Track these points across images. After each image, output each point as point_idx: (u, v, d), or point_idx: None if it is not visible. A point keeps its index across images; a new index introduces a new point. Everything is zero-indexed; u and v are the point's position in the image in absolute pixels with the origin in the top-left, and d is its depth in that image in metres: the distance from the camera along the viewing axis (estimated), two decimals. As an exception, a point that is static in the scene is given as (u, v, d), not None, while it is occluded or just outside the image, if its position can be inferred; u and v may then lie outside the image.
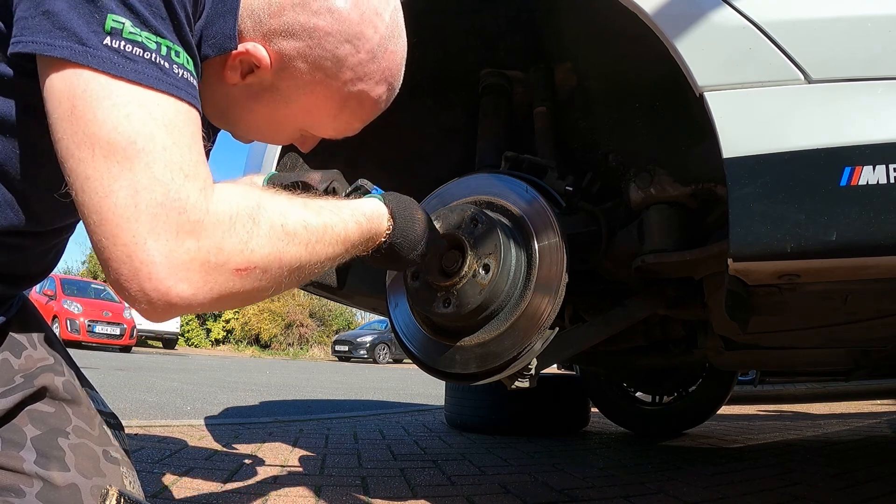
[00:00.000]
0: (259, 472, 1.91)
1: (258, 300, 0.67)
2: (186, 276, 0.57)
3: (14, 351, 0.77)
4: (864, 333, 1.46)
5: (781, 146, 0.87)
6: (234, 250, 0.59)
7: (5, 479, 0.70)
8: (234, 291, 0.61)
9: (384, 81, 0.78)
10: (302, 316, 24.48)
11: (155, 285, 0.56)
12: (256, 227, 0.62)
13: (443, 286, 1.11)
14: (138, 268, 0.55)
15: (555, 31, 1.43)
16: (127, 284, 0.56)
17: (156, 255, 0.55)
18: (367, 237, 0.80)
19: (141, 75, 0.56)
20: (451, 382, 2.46)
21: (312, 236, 0.68)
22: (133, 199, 0.55)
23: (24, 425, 0.73)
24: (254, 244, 0.61)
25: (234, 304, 0.65)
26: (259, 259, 0.61)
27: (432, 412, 4.03)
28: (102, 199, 0.55)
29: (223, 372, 8.87)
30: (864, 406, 4.61)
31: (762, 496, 1.72)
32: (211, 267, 0.58)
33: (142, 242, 0.55)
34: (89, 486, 0.73)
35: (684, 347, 2.08)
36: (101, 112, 0.55)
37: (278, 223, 0.64)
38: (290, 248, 0.65)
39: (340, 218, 0.74)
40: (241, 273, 0.60)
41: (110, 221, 0.55)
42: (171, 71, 0.59)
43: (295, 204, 0.69)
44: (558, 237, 1.13)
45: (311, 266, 0.69)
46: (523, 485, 1.85)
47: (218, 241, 0.58)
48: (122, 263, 0.55)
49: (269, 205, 0.65)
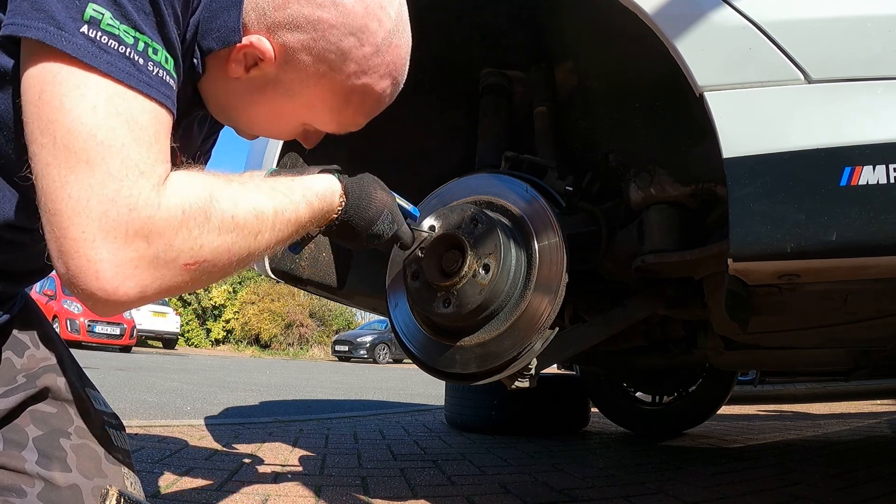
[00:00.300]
0: (259, 471, 1.91)
1: (201, 286, 0.68)
2: (134, 275, 0.56)
3: (16, 350, 0.77)
4: (864, 333, 1.46)
5: (781, 146, 0.87)
6: (183, 247, 0.59)
7: (7, 478, 0.70)
8: (180, 284, 0.61)
9: (388, 76, 0.78)
10: (302, 316, 24.48)
11: (101, 284, 0.55)
12: (207, 222, 0.61)
13: (443, 286, 1.11)
14: (85, 265, 0.55)
15: (555, 31, 1.43)
16: (74, 280, 0.55)
17: (104, 254, 0.55)
18: (317, 216, 0.80)
19: (113, 68, 0.56)
20: (451, 382, 2.46)
21: (263, 224, 0.68)
22: (86, 192, 0.54)
23: (27, 425, 0.73)
24: (204, 239, 0.61)
25: (179, 293, 0.65)
26: (208, 253, 0.61)
27: (432, 412, 4.03)
28: (58, 188, 0.54)
29: (223, 372, 8.87)
30: (864, 406, 4.61)
31: (762, 496, 1.72)
32: (160, 264, 0.58)
33: (90, 239, 0.54)
34: (91, 487, 0.73)
35: (684, 347, 2.08)
36: (67, 100, 0.54)
37: (229, 214, 0.64)
38: (239, 240, 0.65)
39: (291, 200, 0.74)
40: (190, 268, 0.60)
41: (62, 213, 0.54)
42: (145, 68, 0.58)
43: (248, 189, 0.69)
44: (558, 237, 1.13)
45: (259, 252, 0.69)
46: (523, 485, 1.85)
47: (168, 240, 0.58)
48: (70, 258, 0.55)
49: (222, 195, 0.64)
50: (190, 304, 24.05)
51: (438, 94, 1.61)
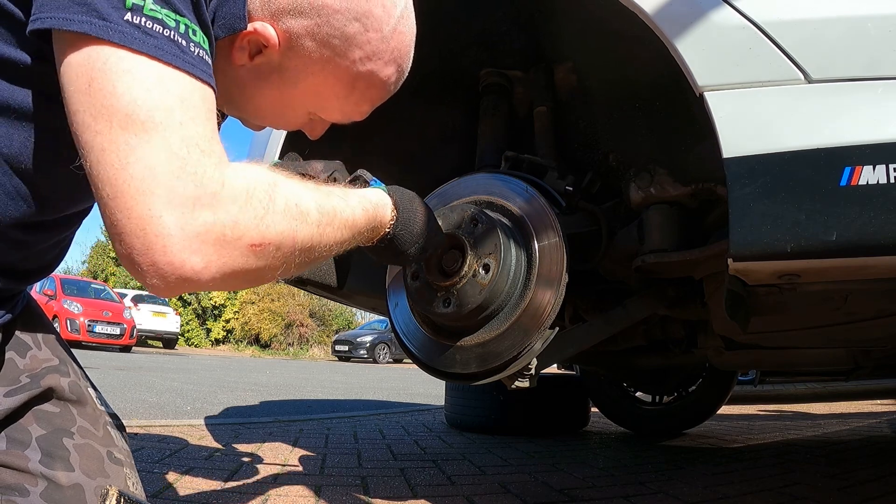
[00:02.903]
0: (259, 471, 1.91)
1: (266, 280, 0.67)
2: (200, 250, 0.56)
3: (19, 351, 0.77)
4: (865, 333, 1.46)
5: (781, 146, 0.87)
6: (249, 225, 0.59)
7: (10, 477, 0.70)
8: (246, 268, 0.60)
9: (393, 62, 0.78)
10: (302, 316, 24.49)
11: (169, 258, 0.55)
12: (272, 203, 0.61)
13: (443, 286, 1.11)
14: (152, 241, 0.54)
15: (555, 31, 1.43)
16: (139, 258, 0.55)
17: (171, 228, 0.54)
18: (372, 225, 0.80)
19: (160, 51, 0.56)
20: (451, 382, 2.46)
21: (324, 218, 0.68)
22: (150, 171, 0.54)
23: (30, 425, 0.74)
24: (269, 220, 0.60)
25: (243, 283, 0.64)
26: (274, 235, 0.61)
27: (432, 412, 4.03)
28: (118, 171, 0.54)
29: (223, 372, 8.87)
30: (864, 406, 4.61)
31: (762, 496, 1.72)
32: (226, 241, 0.57)
33: (157, 215, 0.54)
34: (93, 487, 0.73)
35: (684, 347, 2.08)
36: (120, 85, 0.54)
37: (293, 201, 0.64)
38: (303, 228, 0.64)
39: (348, 204, 0.74)
40: (256, 249, 0.60)
41: (125, 194, 0.54)
42: (189, 49, 0.59)
43: (307, 186, 0.69)
44: (558, 237, 1.13)
45: (320, 248, 0.69)
46: (523, 485, 1.85)
47: (234, 215, 0.58)
48: (135, 237, 0.54)
49: (284, 183, 0.65)
50: (190, 304, 24.05)
51: (438, 94, 1.61)
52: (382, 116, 1.60)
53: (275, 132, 1.48)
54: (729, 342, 1.80)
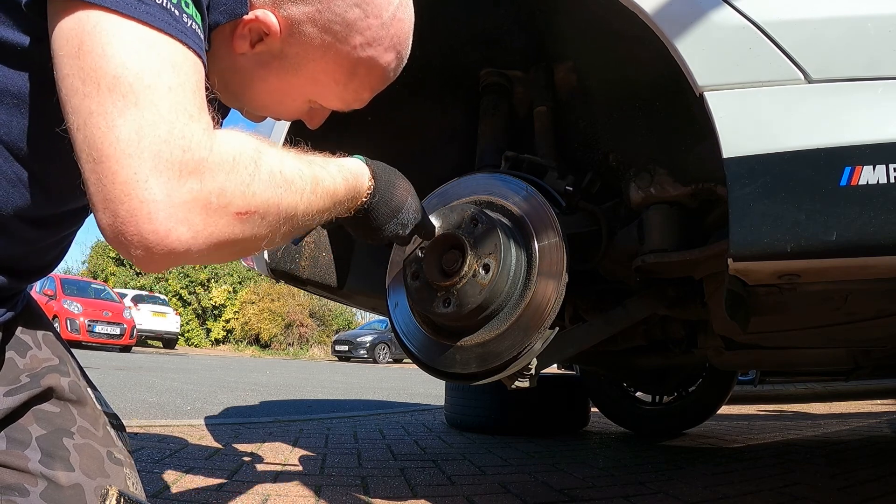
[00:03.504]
0: (259, 471, 1.91)
1: (252, 251, 0.66)
2: (187, 218, 0.55)
3: (19, 350, 0.77)
4: (865, 333, 1.46)
5: (781, 146, 0.87)
6: (236, 192, 0.58)
7: (10, 477, 0.70)
8: (232, 238, 0.59)
9: (393, 49, 0.78)
10: (302, 316, 24.48)
11: (154, 227, 0.53)
12: (258, 171, 0.61)
13: (443, 286, 1.11)
14: (137, 207, 0.52)
15: (555, 31, 1.43)
16: (123, 227, 0.53)
17: (157, 194, 0.53)
18: (351, 194, 0.79)
19: (152, 17, 0.56)
20: (451, 382, 2.46)
21: (307, 185, 0.68)
22: (137, 134, 0.53)
23: (30, 424, 0.74)
24: (255, 187, 0.60)
25: (230, 254, 0.63)
26: (259, 203, 0.60)
27: (432, 412, 4.03)
28: (104, 133, 0.53)
29: (223, 372, 8.87)
30: (864, 406, 4.61)
31: (762, 496, 1.72)
32: (213, 209, 0.56)
33: (143, 180, 0.52)
34: (93, 487, 0.73)
35: (684, 347, 2.08)
36: (110, 48, 0.54)
37: (277, 169, 0.63)
38: (287, 195, 0.64)
39: (328, 172, 0.74)
40: (242, 217, 0.59)
41: (110, 157, 0.53)
42: (181, 19, 0.58)
43: (290, 154, 0.69)
44: (558, 237, 1.13)
45: (304, 217, 0.68)
46: (523, 484, 1.85)
47: (221, 182, 0.57)
48: (119, 203, 0.53)
49: (268, 151, 0.64)
50: (190, 304, 24.06)
51: (438, 94, 1.61)
52: (384, 114, 1.61)
53: (274, 131, 1.48)
54: (729, 342, 1.80)
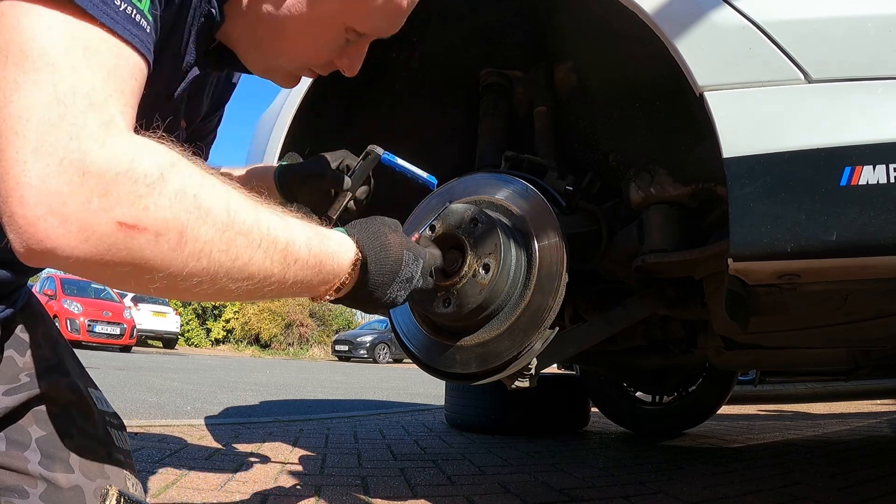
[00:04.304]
0: (259, 471, 1.91)
1: (143, 287, 0.56)
2: (59, 212, 0.49)
3: (19, 349, 0.77)
4: (865, 333, 1.46)
5: (781, 146, 0.87)
6: (122, 198, 0.51)
7: (9, 479, 0.70)
8: (114, 252, 0.51)
9: None
10: (302, 316, 24.47)
11: (24, 211, 0.49)
12: (161, 183, 0.53)
13: (443, 286, 1.11)
14: (13, 188, 0.49)
15: (555, 31, 1.43)
16: (4, 203, 0.50)
17: (32, 178, 0.49)
18: (317, 264, 0.67)
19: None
20: (451, 382, 2.46)
21: (236, 225, 0.57)
22: (27, 112, 0.50)
23: (30, 426, 0.73)
24: (150, 201, 0.52)
25: (116, 279, 0.55)
26: (152, 220, 0.52)
27: (432, 412, 4.03)
28: (1, 108, 0.50)
29: (223, 372, 8.87)
30: (864, 406, 4.61)
31: (762, 496, 1.72)
32: (90, 210, 0.50)
33: (22, 161, 0.49)
34: (93, 488, 0.73)
35: (684, 347, 2.08)
36: (24, 20, 0.52)
37: (191, 192, 0.54)
38: (198, 225, 0.54)
39: (285, 223, 0.63)
40: (126, 229, 0.51)
41: (1, 133, 0.50)
42: (112, 3, 0.55)
43: (229, 188, 0.59)
44: (558, 237, 1.13)
45: (222, 267, 0.57)
46: (523, 484, 1.85)
47: (105, 182, 0.50)
48: (1, 179, 0.50)
49: (188, 171, 0.56)
50: (190, 304, 24.05)
51: (438, 94, 1.61)
52: (384, 114, 1.61)
53: (276, 126, 1.48)
54: (729, 342, 1.80)
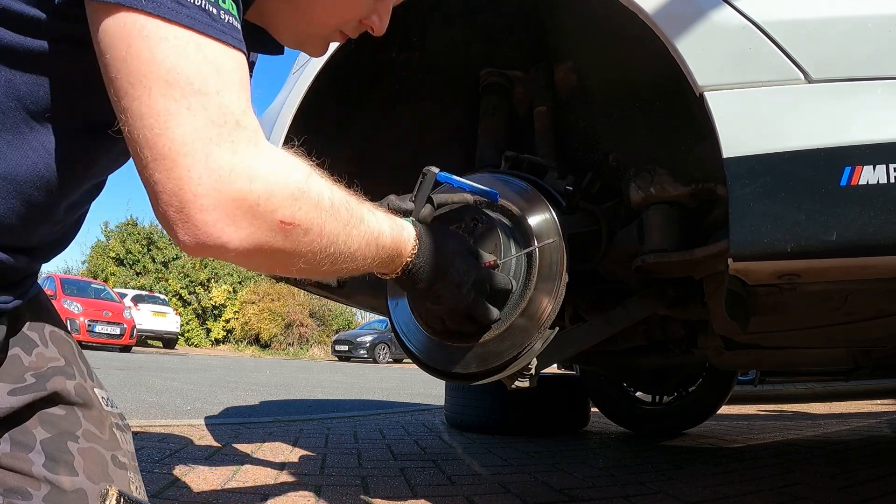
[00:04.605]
0: (259, 472, 1.91)
1: (288, 269, 0.68)
2: (233, 215, 0.58)
3: (25, 347, 0.76)
4: (865, 333, 1.46)
5: (781, 146, 0.87)
6: (283, 201, 0.60)
7: (13, 481, 0.70)
8: (272, 245, 0.62)
9: None
10: (302, 316, 24.47)
11: (203, 217, 0.57)
12: (308, 188, 0.63)
13: (443, 286, 1.11)
14: (190, 200, 0.56)
15: (555, 31, 1.43)
16: (175, 216, 0.57)
17: (208, 188, 0.56)
18: (395, 246, 0.81)
19: (193, 20, 0.57)
20: (451, 382, 2.46)
21: (353, 219, 0.70)
22: (190, 136, 0.56)
23: (34, 428, 0.73)
24: (302, 202, 0.62)
25: (266, 263, 0.66)
26: (304, 218, 0.62)
27: (432, 412, 4.03)
28: (158, 136, 0.56)
29: (223, 372, 8.87)
30: (864, 406, 4.61)
31: (762, 496, 1.72)
32: (258, 212, 0.59)
33: (196, 177, 0.56)
34: (97, 492, 0.73)
35: (684, 347, 2.08)
36: (158, 53, 0.55)
37: (326, 194, 0.66)
38: (331, 222, 0.66)
39: (375, 217, 0.76)
40: (285, 227, 0.61)
41: (166, 157, 0.56)
42: (219, 17, 0.60)
43: (340, 188, 0.71)
44: (558, 237, 1.13)
45: (345, 252, 0.70)
46: (523, 484, 1.85)
47: (270, 188, 0.59)
48: (173, 196, 0.56)
49: (319, 178, 0.66)
50: (190, 304, 24.05)
51: (438, 94, 1.61)
52: (384, 116, 1.61)
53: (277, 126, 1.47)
54: (729, 342, 1.80)
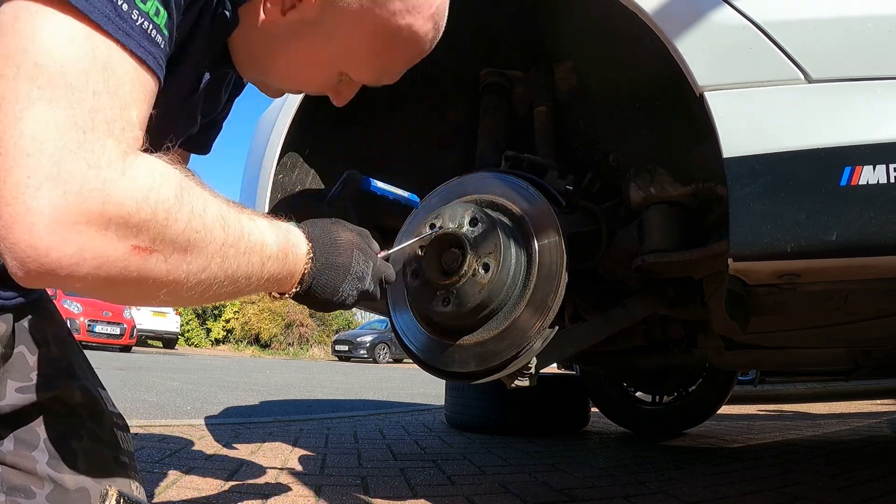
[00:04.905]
0: (259, 471, 1.91)
1: (147, 301, 0.58)
2: (73, 239, 0.48)
3: (30, 347, 0.76)
4: (865, 333, 1.46)
5: (781, 146, 0.87)
6: (139, 225, 0.51)
7: (17, 478, 0.70)
8: (125, 274, 0.52)
9: (431, 18, 0.76)
10: (302, 316, 24.46)
11: (33, 241, 0.47)
12: (178, 207, 0.53)
13: (442, 285, 1.11)
14: (21, 214, 0.46)
15: (555, 31, 1.43)
16: (6, 230, 0.47)
17: (45, 206, 0.46)
18: (282, 260, 0.69)
19: (92, 9, 0.50)
20: (450, 381, 2.46)
21: (229, 238, 0.60)
22: (41, 134, 0.47)
23: (38, 426, 0.74)
24: (168, 225, 0.53)
25: (121, 295, 0.56)
26: (164, 244, 0.53)
27: (432, 412, 4.03)
28: (10, 125, 0.47)
29: (223, 372, 8.87)
30: (864, 406, 4.61)
31: (762, 496, 1.72)
32: (107, 237, 0.49)
33: (35, 186, 0.46)
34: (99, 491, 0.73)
35: (684, 347, 2.08)
36: (41, 31, 0.49)
37: (198, 212, 0.56)
38: (202, 243, 0.56)
39: (258, 227, 0.65)
40: (141, 252, 0.51)
41: (8, 153, 0.47)
42: (128, 16, 0.52)
43: (218, 200, 0.61)
44: (558, 236, 1.13)
45: (219, 275, 0.60)
46: (523, 484, 1.85)
47: (125, 212, 0.50)
48: (5, 204, 0.46)
49: (194, 191, 0.57)
50: (190, 304, 24.03)
51: (438, 94, 1.61)
52: (384, 116, 1.61)
53: (276, 126, 1.48)
54: (729, 342, 1.80)
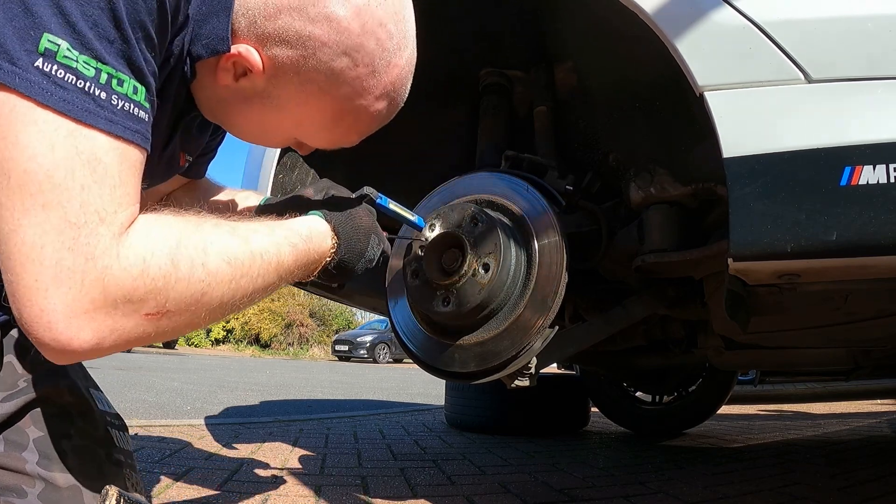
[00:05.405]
0: (259, 471, 1.91)
1: (175, 335, 0.65)
2: (88, 327, 0.53)
3: (19, 353, 0.77)
4: (865, 333, 1.46)
5: (781, 146, 0.87)
6: (144, 298, 0.56)
7: (8, 479, 0.70)
8: (142, 335, 0.58)
9: (385, 97, 0.74)
10: (302, 316, 24.49)
11: (54, 335, 0.52)
12: (174, 270, 0.58)
13: (442, 285, 1.11)
14: (38, 315, 0.52)
15: (555, 31, 1.43)
16: (28, 328, 0.53)
17: (57, 304, 0.52)
18: (304, 259, 0.76)
19: (70, 105, 0.52)
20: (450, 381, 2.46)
21: (237, 271, 0.64)
22: (40, 239, 0.51)
23: (28, 427, 0.74)
24: (169, 288, 0.57)
25: (144, 343, 0.62)
26: (173, 304, 0.58)
27: (432, 412, 4.03)
28: (10, 232, 0.51)
29: (223, 372, 8.88)
30: (864, 406, 4.61)
31: (762, 496, 1.72)
32: (117, 315, 0.55)
33: (43, 289, 0.51)
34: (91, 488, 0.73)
35: (684, 347, 2.08)
36: (23, 136, 0.51)
37: (199, 262, 0.60)
38: (210, 289, 0.61)
39: (273, 241, 0.70)
40: (152, 317, 0.57)
41: (15, 259, 0.51)
42: (108, 102, 0.54)
43: (221, 233, 0.64)
44: (558, 236, 1.13)
45: (234, 301, 0.65)
46: (523, 484, 1.85)
47: (127, 289, 0.55)
48: (23, 306, 0.52)
49: (190, 241, 0.60)
50: (190, 304, 24.04)
51: (438, 95, 1.61)
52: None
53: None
54: (729, 342, 1.80)
